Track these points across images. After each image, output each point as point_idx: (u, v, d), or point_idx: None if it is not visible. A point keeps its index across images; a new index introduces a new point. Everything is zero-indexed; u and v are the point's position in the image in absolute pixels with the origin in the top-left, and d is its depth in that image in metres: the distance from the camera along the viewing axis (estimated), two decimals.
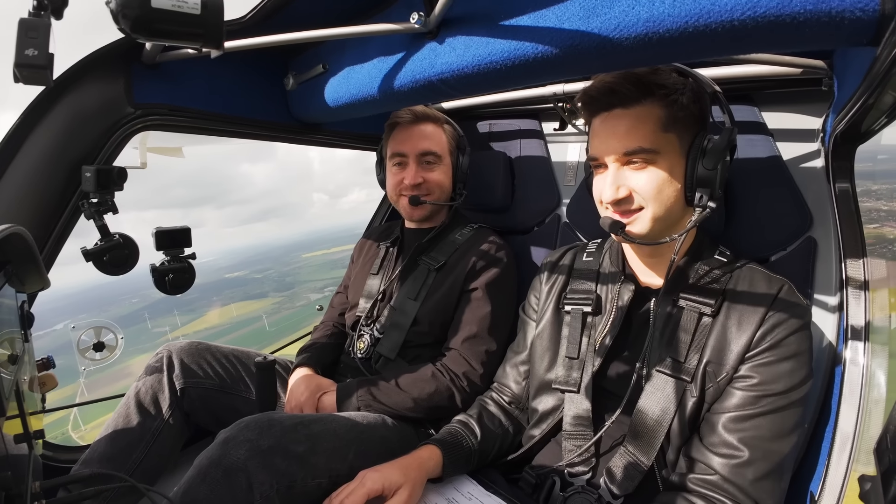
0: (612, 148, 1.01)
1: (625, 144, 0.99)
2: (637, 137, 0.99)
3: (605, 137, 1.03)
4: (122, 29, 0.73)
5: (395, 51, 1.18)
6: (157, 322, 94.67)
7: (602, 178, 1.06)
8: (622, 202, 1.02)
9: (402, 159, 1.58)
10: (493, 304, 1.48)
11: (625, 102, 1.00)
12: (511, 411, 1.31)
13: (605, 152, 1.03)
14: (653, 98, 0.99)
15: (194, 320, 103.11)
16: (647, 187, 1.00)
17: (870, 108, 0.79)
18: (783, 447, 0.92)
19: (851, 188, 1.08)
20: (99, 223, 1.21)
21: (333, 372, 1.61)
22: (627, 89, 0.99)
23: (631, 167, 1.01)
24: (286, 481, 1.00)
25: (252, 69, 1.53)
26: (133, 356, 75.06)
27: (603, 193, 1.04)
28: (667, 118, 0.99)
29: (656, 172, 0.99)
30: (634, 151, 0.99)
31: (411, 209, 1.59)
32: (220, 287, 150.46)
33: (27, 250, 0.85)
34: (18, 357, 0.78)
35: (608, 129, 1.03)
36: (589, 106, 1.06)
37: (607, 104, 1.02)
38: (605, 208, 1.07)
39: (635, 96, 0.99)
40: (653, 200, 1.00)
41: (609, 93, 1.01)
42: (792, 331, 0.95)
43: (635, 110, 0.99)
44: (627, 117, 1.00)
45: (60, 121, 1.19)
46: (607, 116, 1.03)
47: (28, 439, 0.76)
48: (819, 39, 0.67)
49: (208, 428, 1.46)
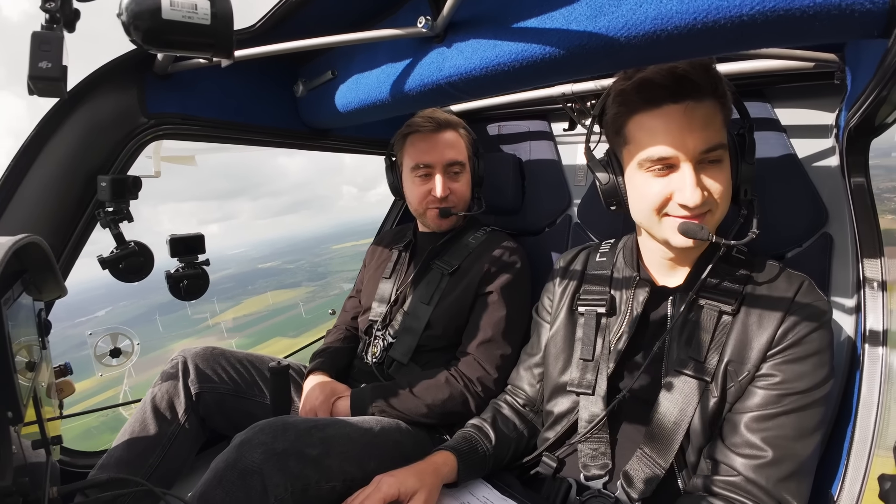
0: (693, 144, 0.92)
1: (705, 140, 0.92)
2: (715, 132, 0.94)
3: (679, 133, 0.93)
4: (133, 41, 0.74)
5: (403, 55, 1.19)
6: (197, 309, 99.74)
7: (667, 180, 0.97)
8: (700, 206, 0.94)
9: (427, 170, 1.55)
10: (508, 308, 1.47)
11: (697, 93, 0.92)
12: (525, 414, 1.30)
13: (684, 149, 0.93)
14: (717, 92, 0.94)
15: (232, 307, 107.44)
16: (722, 187, 0.96)
17: (883, 100, 0.78)
18: (807, 447, 0.90)
19: (867, 182, 1.06)
20: (115, 231, 1.22)
21: (347, 376, 1.62)
22: (702, 79, 0.92)
23: (705, 166, 0.95)
24: (300, 484, 1.00)
25: (262, 77, 1.55)
26: (175, 341, 77.01)
27: (683, 197, 0.94)
28: (725, 114, 0.96)
29: (726, 171, 0.97)
30: (714, 148, 0.93)
31: (440, 221, 1.58)
32: (253, 277, 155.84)
33: (44, 259, 0.87)
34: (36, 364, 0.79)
35: (682, 122, 0.93)
36: (647, 93, 0.96)
37: (679, 93, 0.93)
38: (663, 215, 0.99)
39: (708, 87, 0.93)
40: (723, 200, 0.97)
41: (682, 81, 0.92)
42: (814, 328, 0.93)
43: (706, 103, 0.93)
44: (702, 109, 0.93)
45: (75, 132, 1.21)
46: (673, 110, 0.93)
47: (46, 445, 0.77)
48: (829, 32, 0.66)
49: (223, 432, 1.47)
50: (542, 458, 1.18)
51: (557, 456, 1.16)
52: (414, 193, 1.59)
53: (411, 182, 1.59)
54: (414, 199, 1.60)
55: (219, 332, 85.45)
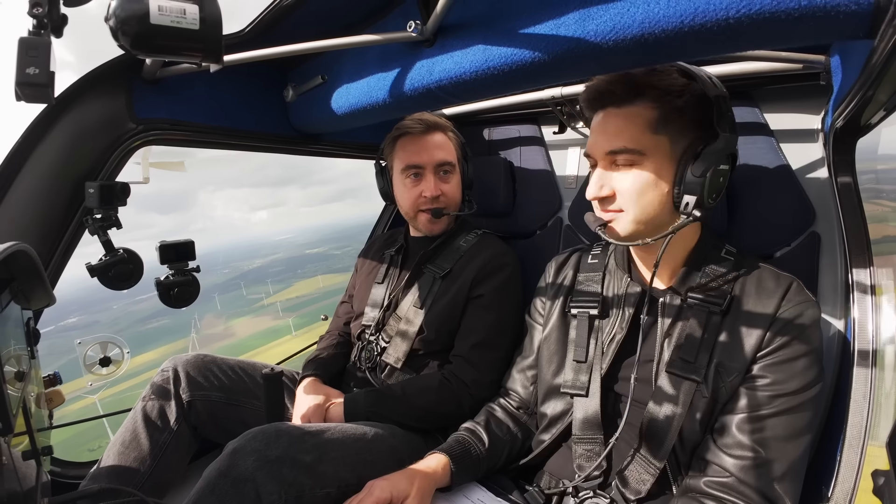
0: (600, 146, 1.02)
1: (611, 143, 1.00)
2: (623, 138, 0.99)
3: (595, 136, 1.05)
4: (121, 46, 0.73)
5: (393, 60, 1.19)
6: (252, 290, 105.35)
7: (591, 176, 1.07)
8: (605, 201, 1.04)
9: (418, 171, 1.55)
10: (500, 311, 1.47)
11: (616, 102, 1.01)
12: (519, 416, 1.30)
13: (593, 150, 1.05)
14: (644, 99, 0.98)
15: (285, 289, 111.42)
16: (629, 188, 1.00)
17: (868, 101, 0.79)
18: (798, 447, 0.91)
19: (853, 182, 1.08)
20: (103, 238, 1.21)
21: (340, 382, 1.61)
22: (619, 89, 1.00)
23: (616, 168, 1.02)
24: (294, 491, 1.00)
25: (252, 82, 1.54)
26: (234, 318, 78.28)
27: (587, 190, 1.06)
28: (657, 120, 0.97)
29: (640, 174, 0.99)
30: (618, 151, 0.99)
31: (432, 223, 1.58)
32: (303, 262, 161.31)
33: (32, 267, 0.86)
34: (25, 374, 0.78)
35: (599, 127, 1.04)
36: (586, 104, 1.08)
37: (601, 103, 1.04)
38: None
39: (627, 97, 0.99)
40: (634, 202, 1.00)
41: (602, 92, 1.02)
42: (803, 329, 0.94)
43: (626, 110, 1.00)
44: (618, 117, 1.01)
45: (63, 138, 1.20)
46: (602, 115, 1.04)
47: (36, 456, 0.76)
48: (815, 34, 0.67)
49: (216, 440, 1.46)
50: (538, 458, 1.18)
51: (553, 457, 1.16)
52: (405, 196, 1.58)
53: (402, 184, 1.58)
54: (405, 202, 1.59)
55: (274, 311, 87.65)
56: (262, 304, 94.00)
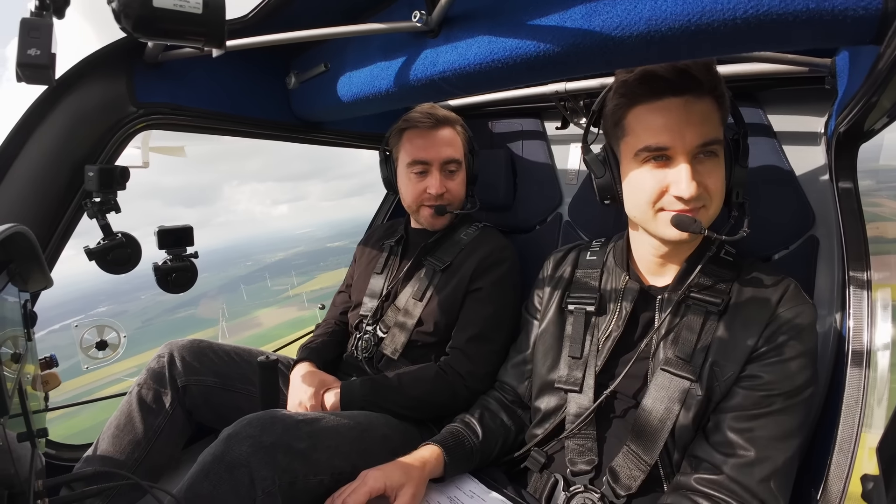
0: (690, 137, 0.95)
1: (702, 134, 0.95)
2: (713, 128, 0.96)
3: (677, 125, 0.95)
4: (123, 28, 0.73)
5: (397, 49, 1.18)
6: (277, 281, 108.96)
7: (663, 172, 0.99)
8: (694, 199, 0.96)
9: (424, 167, 1.53)
10: (498, 304, 1.48)
11: (699, 90, 0.95)
12: (513, 410, 1.31)
13: (681, 141, 0.95)
14: (716, 91, 0.97)
15: (308, 281, 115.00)
16: (717, 182, 0.99)
17: (873, 106, 0.79)
18: (789, 447, 0.92)
19: (854, 187, 1.08)
20: (102, 222, 1.20)
21: (335, 370, 1.61)
22: (704, 76, 0.94)
23: (700, 160, 0.97)
24: (288, 477, 1.00)
25: (254, 68, 1.53)
26: (257, 309, 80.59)
27: (678, 189, 0.96)
28: (722, 113, 0.99)
29: (721, 167, 0.99)
30: (711, 143, 0.96)
31: (434, 218, 1.57)
32: (325, 255, 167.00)
33: (30, 249, 0.86)
34: (22, 356, 0.78)
35: (681, 115, 0.95)
36: (648, 85, 0.97)
37: (680, 87, 0.95)
38: (658, 209, 1.01)
39: (708, 85, 0.95)
40: (717, 196, 0.99)
41: (684, 76, 0.94)
42: (798, 330, 0.94)
43: (706, 100, 0.96)
44: (701, 105, 0.95)
45: (63, 120, 1.19)
46: (674, 103, 0.96)
47: (31, 438, 0.76)
48: (822, 38, 0.67)
49: (211, 425, 1.46)
50: (531, 452, 1.19)
51: (546, 451, 1.16)
52: (409, 190, 1.57)
53: (407, 178, 1.57)
54: (409, 196, 1.59)
55: (299, 301, 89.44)
56: (287, 295, 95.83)
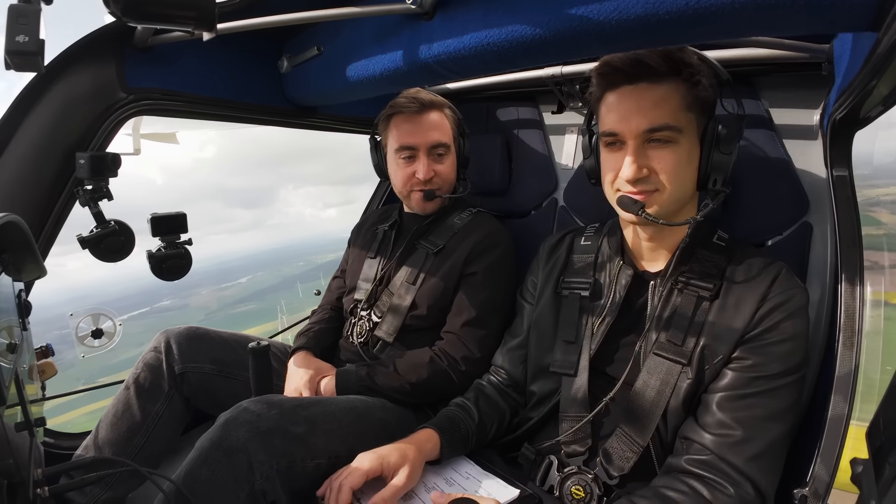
0: (637, 123, 0.98)
1: (651, 120, 0.97)
2: (664, 114, 0.97)
3: (627, 112, 0.99)
4: (112, 12, 0.71)
5: (391, 32, 1.16)
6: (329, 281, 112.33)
7: (617, 156, 1.03)
8: (641, 181, 1.00)
9: (411, 152, 1.53)
10: (492, 288, 1.48)
11: (652, 76, 0.97)
12: (508, 394, 1.32)
13: (627, 127, 0.99)
14: (678, 76, 0.97)
15: None
16: (669, 167, 0.99)
17: (869, 93, 0.79)
18: (777, 427, 0.93)
19: (849, 174, 1.08)
20: (94, 210, 1.19)
21: (332, 356, 1.62)
22: (657, 63, 0.96)
23: (652, 146, 1.00)
24: (286, 461, 1.01)
25: (246, 52, 1.51)
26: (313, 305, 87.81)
27: (622, 171, 1.01)
28: (689, 98, 0.98)
29: (677, 152, 0.99)
30: (660, 128, 0.97)
31: (425, 203, 1.57)
32: None
33: (23, 239, 0.85)
34: (17, 346, 0.78)
35: (632, 103, 0.99)
36: (609, 76, 1.02)
37: (633, 76, 0.99)
38: (616, 190, 1.05)
39: (664, 71, 0.97)
40: (672, 181, 1.00)
41: (637, 64, 0.97)
42: (789, 314, 0.95)
43: (662, 86, 0.97)
44: (654, 92, 0.98)
45: (53, 107, 1.17)
46: (631, 90, 1.00)
47: (29, 427, 0.77)
48: (819, 23, 0.66)
49: (208, 412, 1.47)
50: (526, 435, 1.21)
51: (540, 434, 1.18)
52: (398, 175, 1.57)
53: (395, 164, 1.57)
54: (398, 181, 1.58)
55: None
56: None
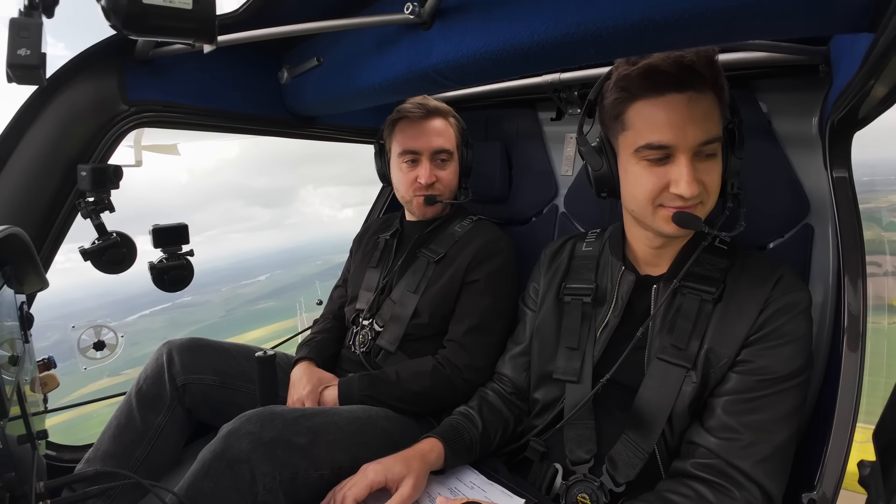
0: (693, 136, 0.92)
1: (706, 132, 0.93)
2: (713, 125, 0.94)
3: (681, 123, 0.92)
4: (113, 25, 0.72)
5: (390, 42, 1.17)
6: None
7: (663, 170, 0.97)
8: (694, 196, 0.95)
9: (414, 157, 1.54)
10: (494, 296, 1.48)
11: (702, 85, 0.92)
12: (512, 402, 1.31)
13: (683, 140, 0.93)
14: (716, 84, 0.94)
15: None
16: (715, 179, 0.98)
17: (867, 94, 0.79)
18: (782, 431, 0.93)
19: (849, 174, 1.08)
20: (96, 222, 1.20)
21: (334, 366, 1.61)
22: (707, 71, 0.91)
23: (700, 158, 0.95)
24: (289, 472, 1.00)
25: (246, 63, 1.52)
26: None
27: (678, 188, 0.94)
28: (722, 107, 0.97)
29: (719, 164, 0.98)
30: (711, 140, 0.94)
31: (425, 208, 1.58)
32: None
33: (25, 251, 0.85)
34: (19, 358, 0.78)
35: (684, 113, 0.92)
36: (654, 79, 0.93)
37: (682, 84, 0.91)
38: (657, 206, 1.00)
39: (711, 80, 0.92)
40: (714, 192, 0.99)
41: (688, 71, 0.91)
42: (792, 316, 0.95)
43: (707, 95, 0.93)
44: (703, 102, 0.93)
45: (54, 120, 1.18)
46: (679, 99, 0.92)
47: (31, 440, 0.76)
48: (815, 25, 0.67)
49: (210, 423, 1.46)
50: (530, 443, 1.19)
51: (545, 441, 1.17)
52: (401, 180, 1.58)
53: (398, 168, 1.58)
54: (401, 186, 1.59)
55: None
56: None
